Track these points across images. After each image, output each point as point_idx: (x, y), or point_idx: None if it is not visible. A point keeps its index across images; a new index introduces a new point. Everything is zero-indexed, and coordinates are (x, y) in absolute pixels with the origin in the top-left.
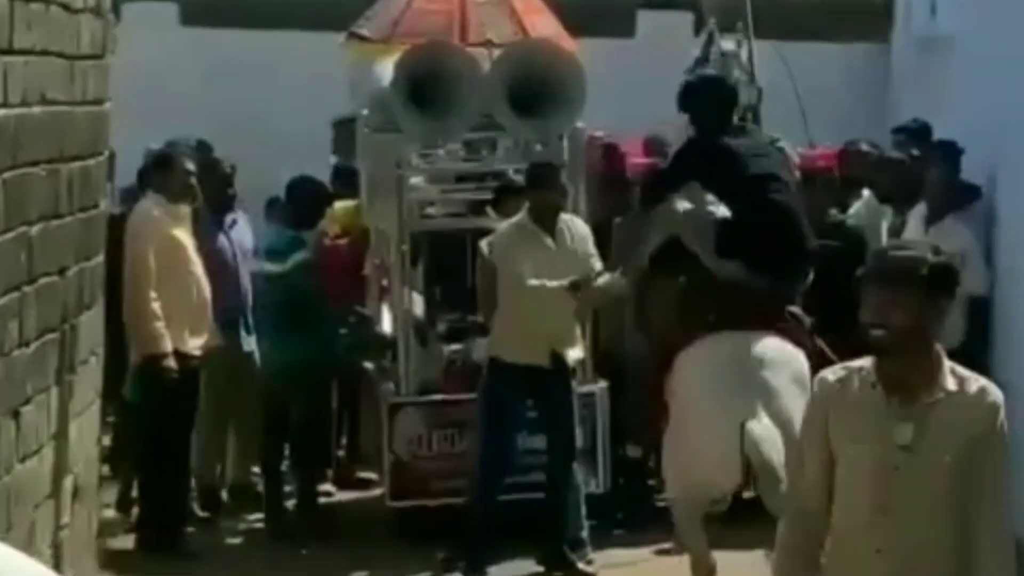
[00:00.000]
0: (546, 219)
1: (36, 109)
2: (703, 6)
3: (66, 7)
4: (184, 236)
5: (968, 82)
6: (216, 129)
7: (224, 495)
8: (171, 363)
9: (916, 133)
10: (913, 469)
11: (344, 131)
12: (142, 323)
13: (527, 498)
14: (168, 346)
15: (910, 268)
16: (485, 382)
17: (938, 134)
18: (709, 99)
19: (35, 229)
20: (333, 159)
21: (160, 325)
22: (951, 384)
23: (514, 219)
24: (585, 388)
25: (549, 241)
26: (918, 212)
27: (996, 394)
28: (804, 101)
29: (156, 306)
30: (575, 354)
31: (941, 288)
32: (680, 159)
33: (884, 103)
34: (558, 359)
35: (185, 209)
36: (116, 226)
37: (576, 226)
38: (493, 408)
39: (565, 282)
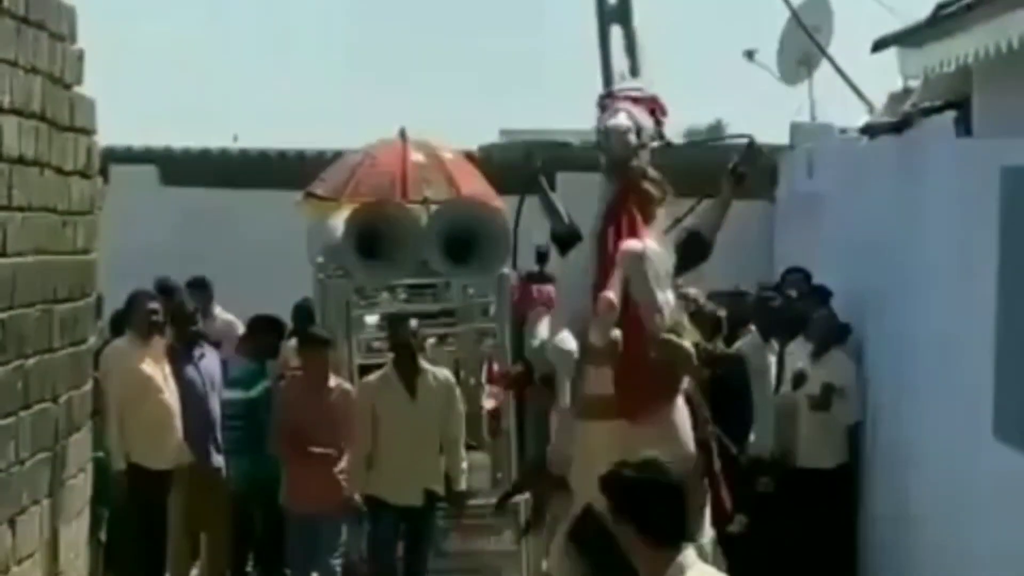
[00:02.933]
0: (404, 367)
1: (31, 258)
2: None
3: (58, 170)
4: (152, 369)
5: (839, 232)
6: (191, 273)
7: None
8: (122, 479)
9: (804, 277)
10: None
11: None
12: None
13: None
14: (120, 465)
15: None
16: (370, 520)
17: (815, 277)
18: None
19: (30, 362)
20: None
21: (115, 449)
22: None
23: (383, 368)
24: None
25: (403, 393)
26: (799, 345)
27: None
28: None
29: (115, 430)
30: (439, 487)
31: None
32: None
33: (771, 250)
34: (429, 496)
35: (157, 344)
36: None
37: (436, 379)
38: (377, 544)
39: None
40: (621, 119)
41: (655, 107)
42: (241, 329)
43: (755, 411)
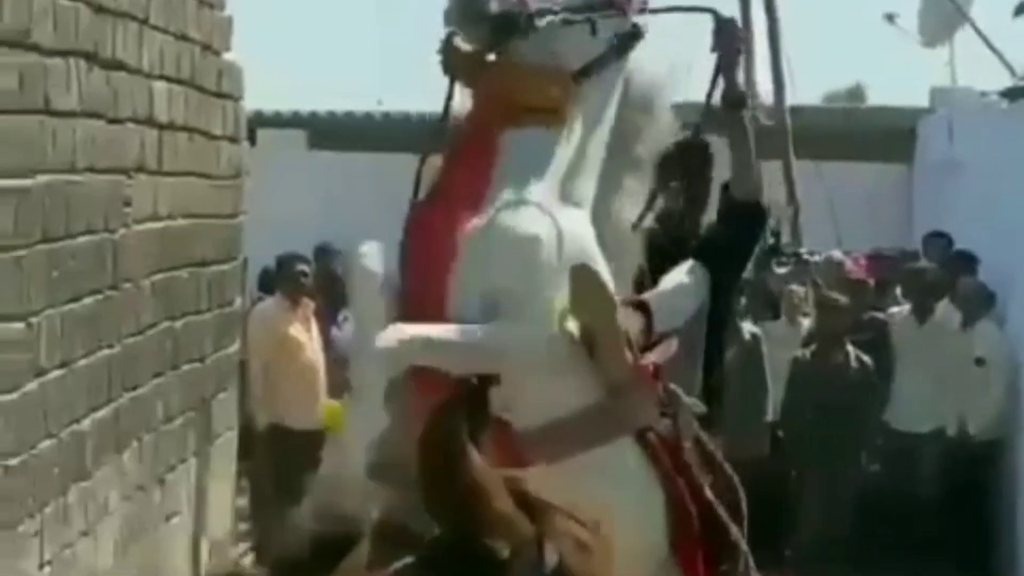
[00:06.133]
0: None
1: (180, 221)
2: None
3: (207, 135)
4: (299, 332)
5: (978, 199)
6: (337, 237)
7: None
8: (263, 438)
9: (947, 242)
10: None
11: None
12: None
13: None
14: (260, 424)
15: None
16: None
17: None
18: None
19: (179, 323)
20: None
21: (258, 409)
22: None
23: None
24: None
25: None
26: (945, 311)
27: None
28: (837, 213)
29: (259, 390)
30: None
31: None
32: None
33: (909, 214)
34: None
35: (305, 307)
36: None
37: None
38: None
39: None
40: None
41: None
42: None
43: (895, 386)
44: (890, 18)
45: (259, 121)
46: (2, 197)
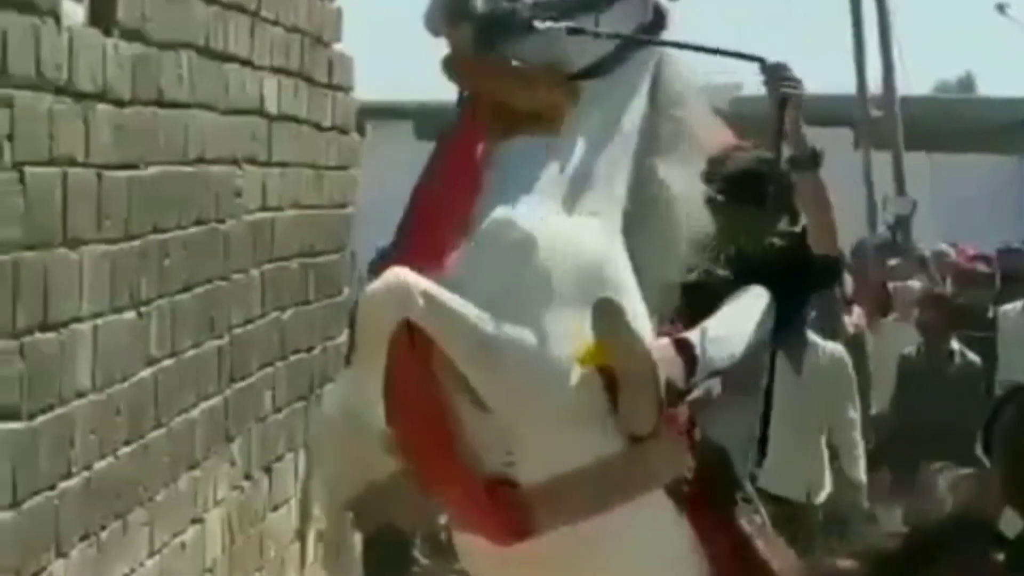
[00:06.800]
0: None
1: (290, 212)
2: (858, 128)
3: (316, 126)
4: None
5: None
6: None
7: (444, 538)
8: None
9: None
10: None
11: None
12: None
13: None
14: None
15: None
16: None
17: None
18: None
19: (287, 314)
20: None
21: None
22: None
23: None
24: None
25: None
26: None
27: None
28: (947, 205)
29: None
30: None
31: None
32: None
33: (1020, 208)
34: None
35: None
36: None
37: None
38: None
39: None
40: None
41: None
42: None
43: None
44: (1001, 8)
45: (367, 112)
46: (115, 188)
